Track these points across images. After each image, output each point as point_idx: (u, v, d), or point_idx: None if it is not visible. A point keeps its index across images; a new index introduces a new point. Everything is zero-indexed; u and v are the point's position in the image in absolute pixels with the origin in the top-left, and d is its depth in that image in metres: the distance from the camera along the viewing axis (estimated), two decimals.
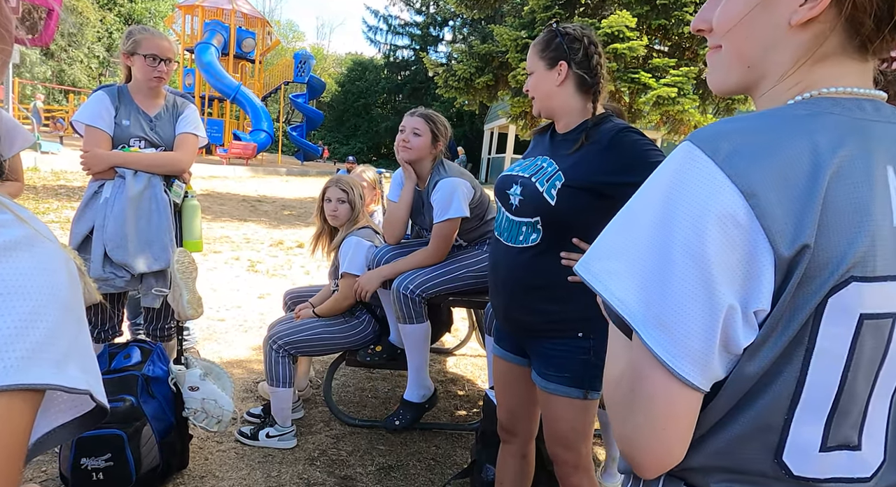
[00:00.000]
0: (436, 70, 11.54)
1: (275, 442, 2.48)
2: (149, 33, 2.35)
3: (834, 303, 0.56)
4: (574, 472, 1.60)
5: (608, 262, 0.61)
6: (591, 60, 1.50)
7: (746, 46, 0.64)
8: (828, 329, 0.57)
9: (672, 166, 0.59)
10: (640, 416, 0.59)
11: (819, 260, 0.54)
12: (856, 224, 0.55)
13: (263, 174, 16.39)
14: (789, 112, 0.59)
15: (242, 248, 6.55)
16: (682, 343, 0.56)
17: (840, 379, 0.58)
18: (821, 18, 0.59)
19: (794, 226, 0.54)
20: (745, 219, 0.54)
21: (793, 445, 0.60)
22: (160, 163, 2.36)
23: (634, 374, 0.60)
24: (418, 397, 2.51)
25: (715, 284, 0.54)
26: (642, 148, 1.43)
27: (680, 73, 8.88)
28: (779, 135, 0.56)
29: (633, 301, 0.58)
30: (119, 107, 2.34)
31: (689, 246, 0.55)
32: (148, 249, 2.30)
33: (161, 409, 2.11)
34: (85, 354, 0.52)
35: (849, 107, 0.59)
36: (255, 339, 3.75)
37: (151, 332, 2.55)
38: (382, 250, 2.55)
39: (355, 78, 34.03)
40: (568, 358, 1.51)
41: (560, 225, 1.47)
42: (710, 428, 0.62)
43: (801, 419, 0.60)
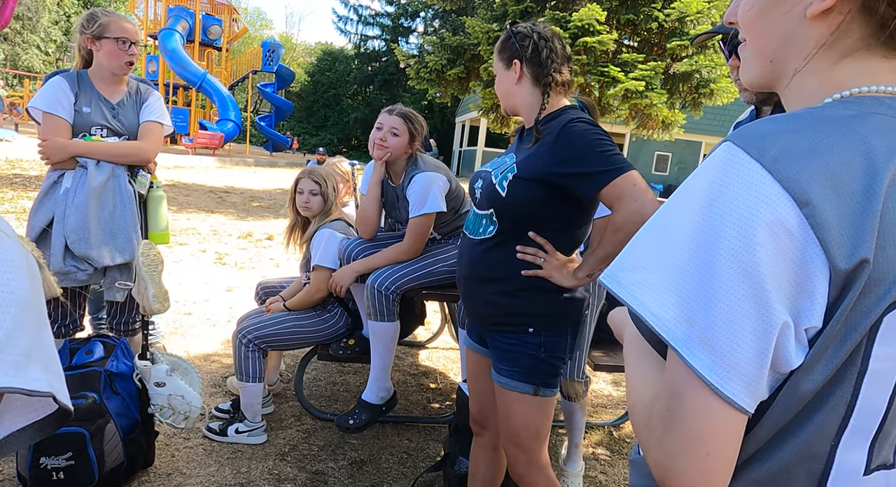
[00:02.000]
0: (407, 61, 11.46)
1: (244, 438, 2.44)
2: (115, 15, 2.26)
3: (889, 322, 0.52)
4: (527, 471, 1.60)
5: (641, 274, 0.55)
6: (541, 54, 1.52)
7: (766, 40, 0.62)
8: (881, 349, 0.53)
9: (712, 169, 0.54)
10: (679, 442, 0.53)
11: (876, 275, 0.50)
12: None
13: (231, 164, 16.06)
14: (832, 112, 0.55)
15: (210, 240, 6.41)
16: (732, 363, 0.50)
17: (888, 401, 0.56)
18: (838, 9, 0.56)
19: (852, 237, 0.49)
20: (799, 230, 0.49)
21: (839, 472, 0.56)
22: (124, 153, 2.28)
23: (673, 396, 0.54)
24: (377, 398, 2.46)
25: (769, 299, 0.50)
26: (589, 138, 1.43)
27: (648, 67, 9.01)
28: (828, 137, 0.52)
29: (672, 317, 0.52)
30: (79, 94, 2.24)
31: (738, 258, 0.50)
32: (111, 241, 2.22)
33: (125, 406, 2.05)
34: (47, 354, 0.49)
35: (893, 107, 0.55)
36: (223, 333, 3.68)
37: (115, 327, 2.47)
38: (353, 243, 2.52)
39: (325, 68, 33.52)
40: (519, 353, 1.52)
41: (511, 216, 1.49)
42: (752, 456, 0.58)
43: (848, 444, 0.56)
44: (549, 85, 1.53)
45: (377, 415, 2.45)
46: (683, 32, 9.30)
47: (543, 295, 1.49)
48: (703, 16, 8.85)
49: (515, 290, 1.50)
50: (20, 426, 0.52)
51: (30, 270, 0.49)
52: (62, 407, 0.51)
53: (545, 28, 1.56)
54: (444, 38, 10.73)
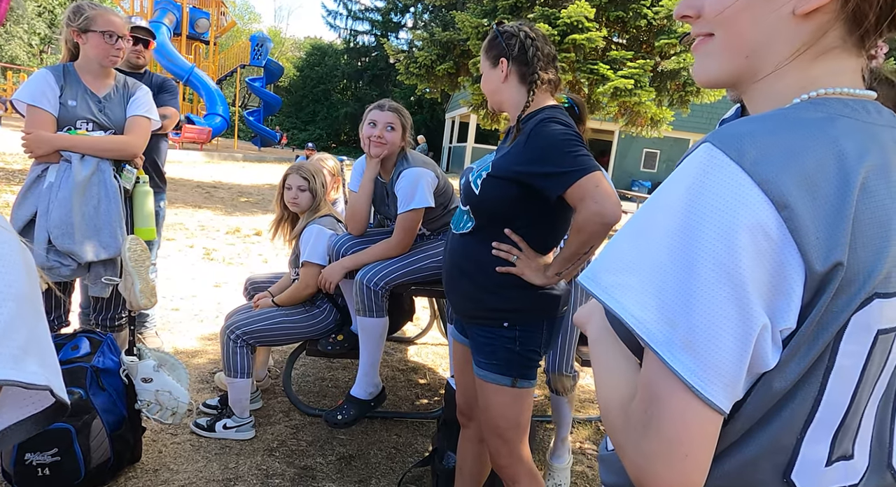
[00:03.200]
0: (397, 57, 11.43)
1: (232, 434, 2.43)
2: (101, 9, 2.23)
3: (856, 321, 0.53)
4: (508, 462, 1.62)
5: (620, 275, 0.55)
6: (528, 53, 1.54)
7: (747, 35, 0.60)
8: (848, 347, 0.55)
9: (692, 169, 0.54)
10: (657, 443, 0.53)
11: (847, 276, 0.51)
12: (882, 239, 0.52)
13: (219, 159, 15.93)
14: (803, 114, 0.55)
15: (197, 236, 6.36)
16: (712, 365, 0.51)
17: (851, 395, 0.57)
18: (825, 9, 0.56)
19: (827, 240, 0.50)
20: (777, 233, 0.50)
21: (802, 464, 0.58)
22: (109, 148, 2.26)
23: (651, 398, 0.54)
24: (366, 394, 2.46)
25: (749, 301, 0.50)
26: (557, 138, 1.45)
27: (637, 65, 9.05)
28: (803, 139, 0.52)
29: (653, 320, 0.52)
30: (65, 87, 2.21)
31: (720, 260, 0.50)
32: (96, 237, 2.20)
33: (112, 402, 2.04)
34: (44, 347, 0.49)
35: (856, 109, 0.56)
36: (210, 328, 3.66)
37: (101, 323, 2.45)
38: (342, 239, 2.52)
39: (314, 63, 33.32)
40: (496, 347, 1.55)
41: (484, 213, 1.53)
42: (724, 452, 0.59)
43: (813, 437, 0.57)
44: (534, 83, 1.55)
45: (365, 411, 2.46)
46: (671, 30, 9.35)
47: (517, 291, 1.52)
48: None
49: (491, 285, 1.54)
50: (17, 419, 0.52)
51: (27, 264, 0.49)
52: (59, 401, 0.51)
53: (532, 28, 1.58)
54: (434, 33, 10.70)
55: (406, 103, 28.14)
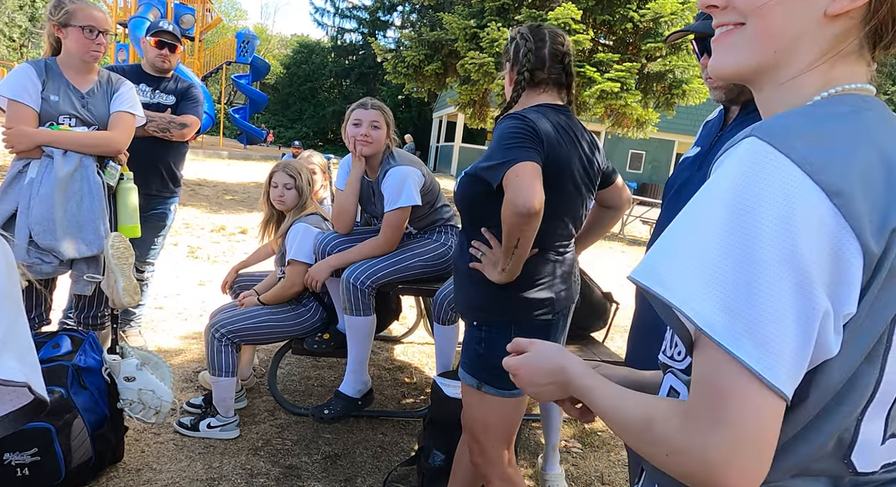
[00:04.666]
0: (385, 56, 11.40)
1: (216, 433, 2.41)
2: (82, 3, 2.20)
3: None
4: (480, 461, 1.62)
5: (676, 269, 0.55)
6: (519, 53, 1.58)
7: (779, 28, 0.60)
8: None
9: (742, 163, 0.55)
10: (727, 436, 0.53)
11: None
12: None
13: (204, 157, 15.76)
14: (833, 109, 0.57)
15: (182, 233, 6.30)
16: (777, 353, 0.51)
17: None
18: (852, 14, 0.58)
19: (881, 220, 0.52)
20: (832, 220, 0.51)
21: (861, 444, 0.59)
22: (92, 143, 2.22)
23: (715, 392, 0.54)
24: (354, 392, 2.46)
25: (812, 287, 0.51)
26: (502, 132, 1.46)
27: (623, 68, 9.11)
28: (842, 131, 0.55)
29: (713, 310, 0.52)
30: (47, 82, 2.18)
31: (780, 248, 0.50)
32: (78, 234, 2.17)
33: (93, 401, 2.02)
34: (23, 344, 0.49)
35: (874, 104, 0.59)
36: (195, 327, 3.63)
37: (83, 321, 2.41)
38: (328, 237, 2.51)
39: (301, 60, 33.11)
40: (468, 346, 1.58)
41: (462, 209, 1.61)
42: (791, 441, 0.59)
43: (870, 417, 0.58)
44: (521, 84, 1.57)
45: (353, 409, 2.46)
46: (658, 33, 9.43)
47: (480, 288, 1.54)
48: (677, 17, 8.98)
49: (465, 283, 1.60)
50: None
51: (6, 260, 0.48)
52: (38, 398, 0.50)
53: (534, 29, 1.60)
54: (422, 33, 10.70)
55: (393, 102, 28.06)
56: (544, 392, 0.80)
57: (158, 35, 2.93)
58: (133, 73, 2.94)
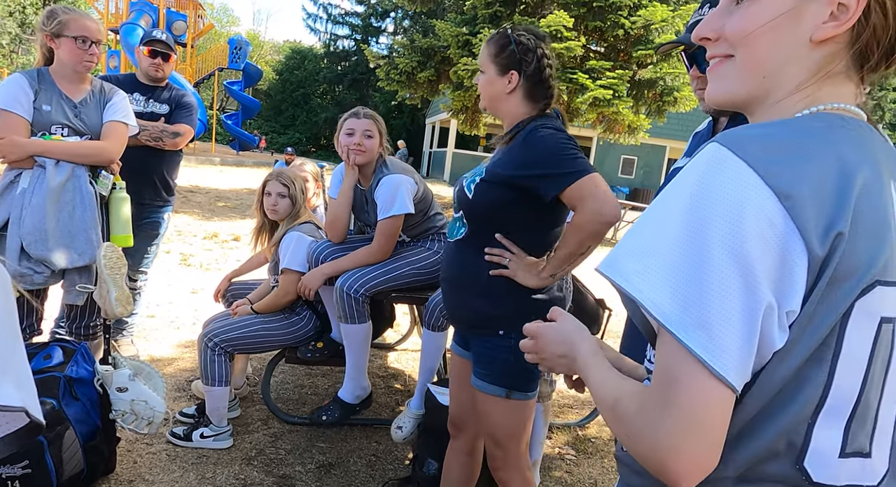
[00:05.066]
0: (377, 62, 11.42)
1: (210, 443, 2.40)
2: (75, 13, 2.21)
3: (860, 307, 0.57)
4: (503, 467, 1.63)
5: (637, 263, 0.59)
6: (543, 73, 1.53)
7: (767, 55, 0.64)
8: (853, 333, 0.58)
9: (701, 166, 0.58)
10: (677, 420, 0.56)
11: (850, 264, 0.56)
12: (882, 232, 0.57)
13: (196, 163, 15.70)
14: (806, 123, 0.60)
15: (174, 241, 6.27)
16: (724, 343, 0.54)
17: (861, 383, 0.60)
18: (837, 39, 0.61)
19: (827, 226, 0.55)
20: (780, 221, 0.54)
21: (814, 451, 0.60)
22: (85, 153, 2.22)
23: (669, 378, 0.57)
24: (353, 397, 2.48)
25: (757, 281, 0.54)
26: (553, 141, 1.47)
27: (615, 75, 9.18)
28: (805, 142, 0.58)
29: (668, 302, 0.56)
30: (39, 92, 2.18)
31: (728, 244, 0.54)
32: (71, 244, 2.16)
33: (85, 412, 2.00)
34: (20, 368, 0.49)
35: (852, 124, 0.62)
36: (187, 336, 3.61)
37: (74, 331, 2.40)
38: (322, 245, 2.51)
39: (294, 67, 33.08)
40: (494, 357, 1.55)
41: (478, 217, 1.54)
42: (740, 435, 0.61)
43: (823, 424, 0.60)
44: (548, 104, 1.56)
45: (350, 414, 2.49)
46: (649, 40, 9.51)
47: (509, 296, 1.52)
48: (667, 24, 9.07)
49: (484, 292, 1.53)
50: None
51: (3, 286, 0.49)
52: (33, 421, 0.51)
53: (547, 44, 1.57)
54: (415, 40, 10.74)
55: (386, 108, 28.08)
56: (557, 364, 0.85)
57: (151, 44, 2.94)
58: (127, 82, 2.94)
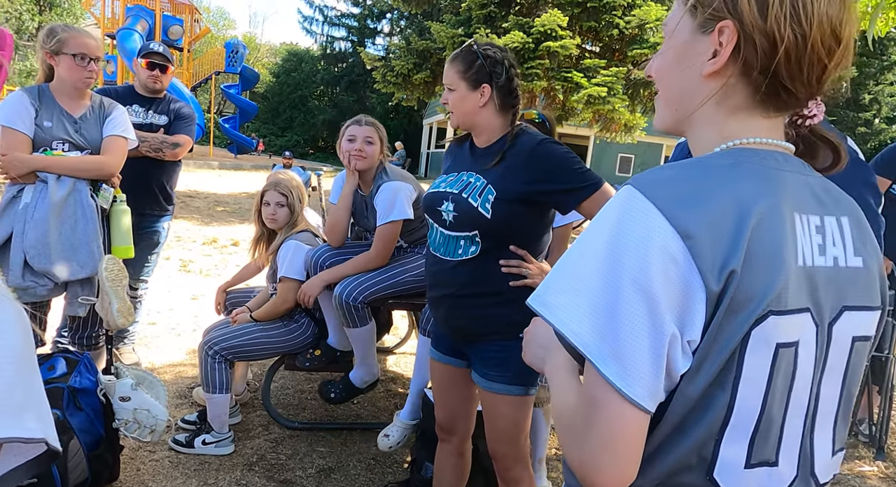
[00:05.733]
0: (374, 64, 11.46)
1: (211, 449, 2.44)
2: (74, 30, 2.25)
3: (756, 335, 0.63)
4: (514, 465, 1.68)
5: (561, 297, 0.65)
6: (512, 83, 1.59)
7: (672, 90, 0.75)
8: (751, 359, 0.64)
9: (616, 207, 0.65)
10: (596, 439, 0.63)
11: (744, 296, 0.62)
12: (774, 265, 0.63)
13: (194, 167, 15.75)
14: (715, 161, 0.68)
15: (173, 247, 6.30)
16: (635, 371, 0.61)
17: (762, 403, 0.66)
18: (724, 72, 0.69)
19: (722, 264, 0.61)
20: (682, 258, 0.60)
21: (722, 463, 0.67)
22: (85, 167, 2.27)
23: (590, 401, 0.64)
24: (361, 382, 2.63)
25: (661, 314, 0.60)
26: (563, 155, 1.54)
27: (610, 73, 9.23)
28: (707, 183, 0.65)
29: (588, 334, 0.62)
30: (40, 108, 2.22)
31: (637, 279, 0.60)
32: (73, 256, 2.21)
33: (89, 422, 2.04)
34: (39, 401, 0.54)
35: (764, 158, 0.68)
36: (188, 343, 3.65)
37: (77, 341, 2.45)
38: (321, 251, 2.55)
39: (291, 69, 33.11)
40: (510, 359, 1.57)
41: (498, 235, 1.55)
42: (655, 451, 0.67)
43: (729, 439, 0.66)
44: (516, 114, 1.60)
45: (355, 394, 2.68)
46: (643, 39, 9.56)
47: (520, 303, 1.56)
48: (661, 23, 9.11)
49: (506, 300, 1.56)
50: (12, 466, 0.56)
51: (23, 324, 0.53)
52: (51, 448, 0.55)
53: (508, 52, 1.62)
54: (411, 41, 10.78)
55: (383, 109, 28.10)
56: (536, 359, 0.91)
57: (149, 57, 2.98)
58: (125, 94, 2.98)
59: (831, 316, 0.69)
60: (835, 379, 0.72)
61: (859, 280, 0.71)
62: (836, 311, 0.69)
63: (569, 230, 2.49)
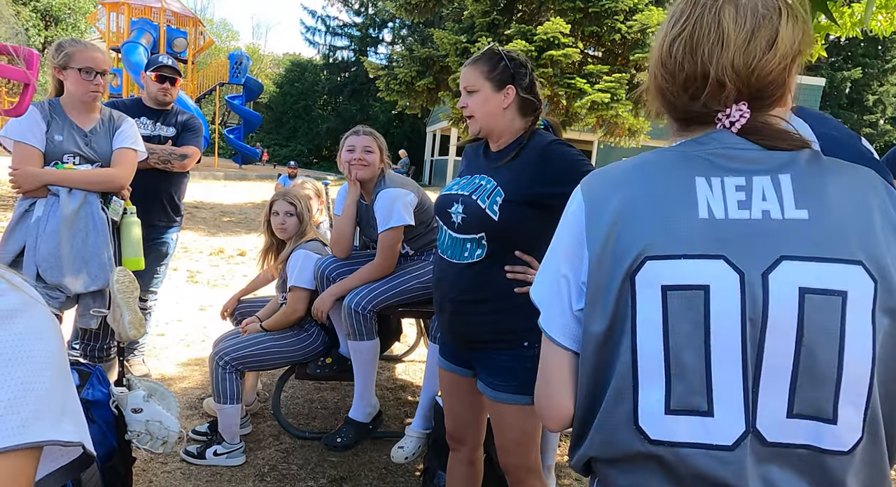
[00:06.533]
0: (377, 73, 11.51)
1: (223, 460, 2.44)
2: (81, 45, 2.27)
3: (640, 280, 0.72)
4: (527, 477, 1.66)
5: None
6: (534, 85, 1.60)
7: None
8: (642, 302, 0.72)
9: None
10: (540, 381, 0.84)
11: (622, 244, 0.74)
12: (651, 219, 0.74)
13: (200, 178, 15.84)
14: (645, 154, 0.83)
15: (180, 258, 6.33)
16: (549, 311, 0.82)
17: (663, 344, 0.71)
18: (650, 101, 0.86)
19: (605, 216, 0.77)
20: (579, 214, 0.81)
21: (643, 410, 0.72)
22: (96, 180, 2.28)
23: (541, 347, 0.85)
24: (364, 416, 2.51)
25: (558, 262, 0.81)
26: (573, 158, 1.53)
27: (613, 78, 9.24)
28: (621, 165, 0.82)
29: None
30: (51, 122, 2.25)
31: (556, 241, 0.84)
32: (84, 269, 2.22)
33: (102, 434, 2.04)
34: (75, 407, 0.55)
35: (684, 145, 0.80)
36: (197, 353, 3.66)
37: (89, 353, 2.46)
38: (327, 262, 2.56)
39: (294, 79, 33.31)
40: (516, 367, 1.57)
41: (504, 238, 1.53)
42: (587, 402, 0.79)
43: (644, 385, 0.72)
44: (537, 118, 1.61)
45: (364, 433, 2.50)
46: (645, 44, 9.57)
47: (528, 309, 1.56)
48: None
49: (510, 307, 1.55)
50: (50, 470, 0.57)
51: (56, 331, 0.54)
52: (87, 453, 0.56)
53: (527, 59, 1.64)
54: (413, 49, 10.83)
55: (386, 118, 28.19)
56: None
57: (159, 70, 3.01)
58: (133, 107, 3.01)
59: (766, 266, 0.69)
60: (783, 332, 0.68)
61: (802, 230, 0.70)
62: (772, 261, 0.69)
63: None
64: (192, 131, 3.10)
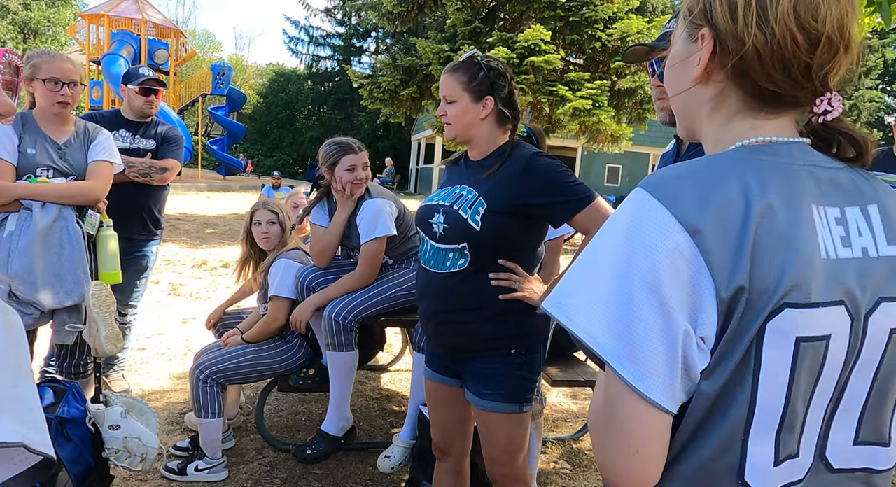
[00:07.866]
0: (361, 82, 11.53)
1: (204, 476, 2.40)
2: (48, 56, 2.24)
3: (772, 328, 0.62)
4: (514, 485, 1.66)
5: (577, 300, 0.65)
6: (513, 95, 1.60)
7: (677, 102, 0.78)
8: (770, 352, 0.62)
9: (628, 209, 0.65)
10: (614, 438, 0.64)
11: (756, 291, 0.61)
12: (783, 259, 0.61)
13: (182, 190, 15.69)
14: (725, 156, 0.68)
15: (162, 271, 6.25)
16: (651, 370, 0.61)
17: (785, 398, 0.64)
18: (715, 77, 0.70)
19: (731, 267, 0.60)
20: (691, 254, 0.60)
21: (752, 465, 0.65)
22: (71, 193, 2.24)
23: (609, 402, 0.64)
24: (337, 429, 2.48)
25: (672, 312, 0.60)
26: (556, 170, 1.53)
27: (594, 86, 9.33)
28: (715, 178, 0.64)
29: (603, 335, 0.62)
30: (23, 135, 2.21)
31: (647, 280, 0.60)
32: (59, 284, 2.18)
33: (78, 452, 2.00)
34: (22, 406, 0.52)
35: (777, 152, 0.67)
36: (179, 367, 3.61)
37: (65, 370, 2.41)
38: (308, 271, 2.54)
39: (278, 89, 33.22)
40: (503, 375, 1.56)
41: (486, 248, 1.53)
42: (680, 454, 0.66)
43: (756, 438, 0.64)
44: (515, 127, 1.61)
45: (336, 447, 2.48)
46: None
47: (521, 315, 1.56)
48: (643, 36, 9.25)
49: (495, 315, 1.55)
50: (6, 477, 0.54)
51: (7, 325, 0.52)
52: (46, 458, 0.53)
53: (506, 65, 1.63)
54: (397, 58, 10.86)
55: (371, 127, 28.18)
56: None
57: (145, 84, 2.97)
58: (112, 119, 2.97)
59: (867, 309, 0.66)
60: (866, 371, 0.69)
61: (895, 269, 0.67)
62: (872, 303, 0.67)
63: (561, 243, 2.49)
64: (172, 143, 3.06)
